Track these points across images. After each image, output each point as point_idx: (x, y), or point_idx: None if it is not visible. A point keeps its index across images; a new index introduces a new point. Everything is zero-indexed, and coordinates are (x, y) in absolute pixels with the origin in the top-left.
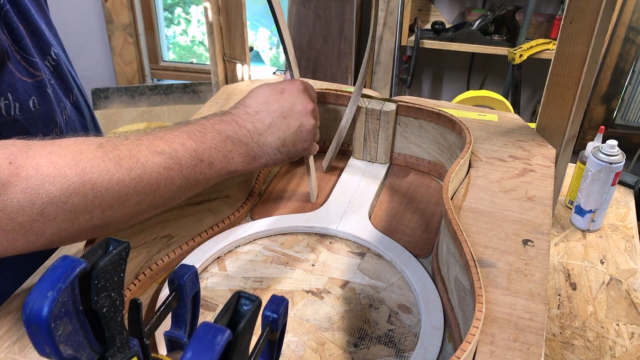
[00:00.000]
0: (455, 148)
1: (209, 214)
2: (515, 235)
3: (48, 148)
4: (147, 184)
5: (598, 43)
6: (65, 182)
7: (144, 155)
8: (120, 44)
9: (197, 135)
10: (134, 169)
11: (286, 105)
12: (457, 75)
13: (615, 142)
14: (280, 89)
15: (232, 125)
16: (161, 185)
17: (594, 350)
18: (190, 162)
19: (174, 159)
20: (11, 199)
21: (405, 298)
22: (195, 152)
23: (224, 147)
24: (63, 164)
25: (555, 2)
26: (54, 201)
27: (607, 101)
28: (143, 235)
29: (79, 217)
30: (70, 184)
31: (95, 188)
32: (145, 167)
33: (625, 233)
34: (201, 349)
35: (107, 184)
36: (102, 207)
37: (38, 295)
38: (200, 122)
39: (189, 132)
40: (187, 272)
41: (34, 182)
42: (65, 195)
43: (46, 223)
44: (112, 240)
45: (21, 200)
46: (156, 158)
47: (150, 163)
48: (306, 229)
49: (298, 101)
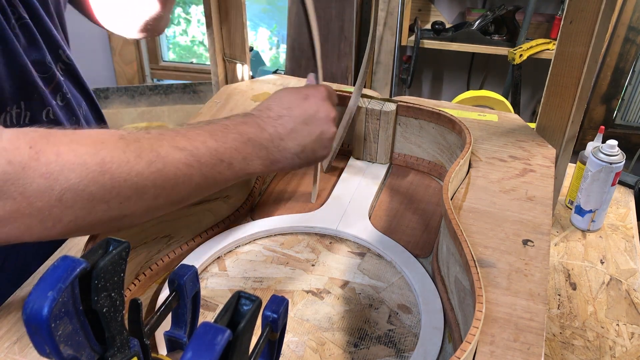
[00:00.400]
0: (455, 148)
1: (209, 214)
2: (515, 235)
3: (69, 136)
4: (166, 179)
5: (598, 43)
6: (85, 170)
7: (164, 150)
8: (120, 44)
9: (218, 135)
10: (154, 163)
11: (309, 112)
12: (457, 75)
13: (615, 142)
14: (304, 95)
15: (254, 127)
16: (180, 181)
17: (594, 350)
18: (210, 161)
19: (195, 157)
20: (30, 182)
21: (405, 298)
22: (216, 151)
23: (244, 149)
24: (83, 152)
25: (555, 2)
26: (72, 188)
27: (607, 101)
28: (143, 235)
29: (96, 206)
30: (89, 172)
31: (114, 178)
32: (165, 162)
33: (625, 233)
34: (201, 349)
35: (127, 175)
36: (120, 198)
37: (38, 295)
38: (223, 123)
39: (211, 132)
40: (187, 272)
41: (54, 168)
42: (84, 183)
43: (64, 210)
44: (112, 240)
45: (40, 185)
46: (177, 154)
47: (171, 158)
48: (306, 229)
49: (321, 108)
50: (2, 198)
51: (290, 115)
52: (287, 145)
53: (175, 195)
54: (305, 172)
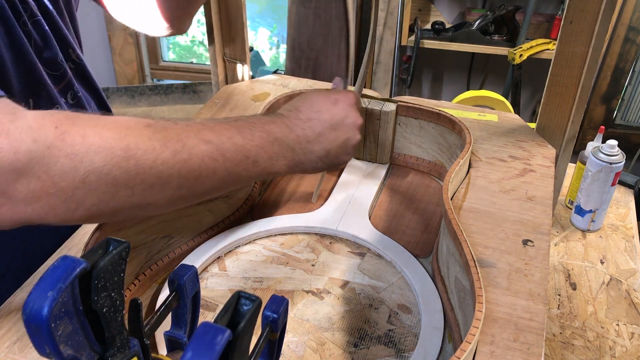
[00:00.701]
0: (455, 148)
1: (209, 214)
2: (515, 235)
3: (96, 120)
4: (190, 170)
5: (598, 43)
6: (110, 153)
7: (191, 141)
8: (120, 44)
9: (245, 132)
10: (179, 153)
11: (337, 117)
12: (457, 75)
13: (615, 142)
14: (334, 99)
15: (282, 128)
16: (204, 174)
17: (594, 350)
18: (235, 157)
19: (220, 151)
20: (55, 162)
21: (405, 298)
22: (242, 147)
23: (270, 148)
24: (109, 136)
25: (555, 2)
26: (96, 171)
27: (607, 101)
28: (143, 235)
29: (119, 191)
30: (114, 156)
31: (138, 164)
32: (191, 153)
33: (625, 233)
34: (201, 349)
35: (152, 162)
36: (144, 185)
37: (38, 295)
38: (251, 120)
39: (239, 128)
40: (187, 272)
41: (79, 149)
42: (108, 167)
43: (87, 192)
44: (112, 240)
45: (65, 165)
46: (203, 146)
47: (197, 150)
48: (306, 229)
49: (349, 115)
50: (27, 176)
51: (319, 119)
52: (313, 148)
53: (198, 187)
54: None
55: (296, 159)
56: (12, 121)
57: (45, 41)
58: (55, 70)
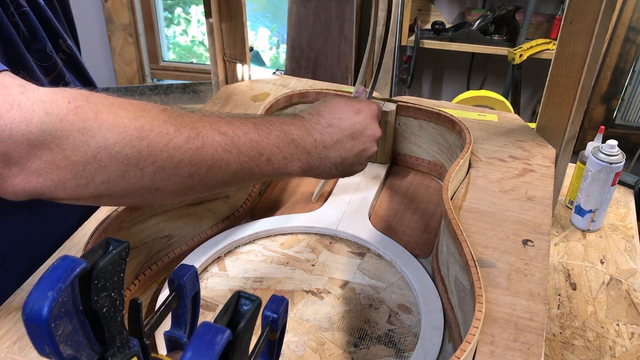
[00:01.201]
0: (455, 148)
1: (209, 214)
2: (515, 235)
3: (110, 99)
4: (202, 159)
5: (598, 43)
6: (123, 132)
7: (206, 130)
8: (120, 44)
9: (262, 129)
10: (193, 140)
11: (358, 127)
12: (457, 75)
13: (615, 142)
14: (357, 109)
15: (301, 130)
16: (216, 164)
17: (594, 350)
18: (249, 152)
19: (235, 144)
20: (67, 135)
21: (405, 298)
22: (258, 144)
23: (286, 149)
24: (123, 115)
25: (555, 2)
26: (108, 147)
27: (607, 101)
28: (143, 235)
29: (130, 171)
30: (127, 135)
31: (150, 146)
32: (205, 142)
33: (625, 233)
34: (201, 349)
35: (164, 145)
36: (155, 167)
37: (38, 295)
38: (270, 119)
39: (256, 124)
40: (187, 272)
41: (92, 124)
42: (120, 145)
43: (98, 169)
44: (112, 240)
45: (77, 139)
46: (217, 137)
47: (210, 139)
48: (306, 229)
49: (370, 126)
50: (40, 148)
51: (339, 126)
52: (329, 154)
53: (210, 178)
54: None
55: (311, 162)
56: (22, 93)
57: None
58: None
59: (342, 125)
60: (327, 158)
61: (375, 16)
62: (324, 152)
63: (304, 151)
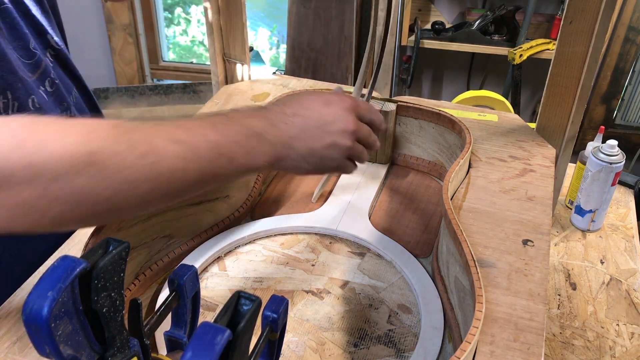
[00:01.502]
0: (455, 148)
1: (209, 214)
2: (515, 235)
3: (57, 125)
4: (159, 173)
5: (598, 43)
6: (73, 160)
7: (160, 142)
8: (120, 44)
9: (220, 128)
10: (147, 155)
11: (326, 119)
12: (457, 75)
13: (615, 142)
14: (326, 100)
15: (262, 121)
16: (175, 175)
17: (594, 350)
18: (209, 155)
19: (192, 151)
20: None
21: (405, 298)
22: (217, 145)
23: (247, 143)
24: (72, 141)
25: (555, 2)
26: (59, 179)
27: (607, 101)
28: (143, 235)
29: (84, 198)
30: (77, 163)
31: (103, 170)
32: (160, 155)
33: (625, 233)
34: (201, 349)
35: (117, 167)
36: (110, 191)
37: (38, 295)
38: (229, 114)
39: (213, 123)
40: (187, 272)
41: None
42: (71, 174)
43: (50, 202)
44: (112, 240)
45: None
46: (173, 147)
47: (166, 151)
48: (306, 229)
49: (340, 118)
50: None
51: (305, 116)
52: (296, 145)
53: (171, 189)
54: None
55: (277, 154)
56: None
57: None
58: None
59: (309, 115)
60: (294, 149)
61: (375, 16)
62: (289, 143)
63: (268, 143)
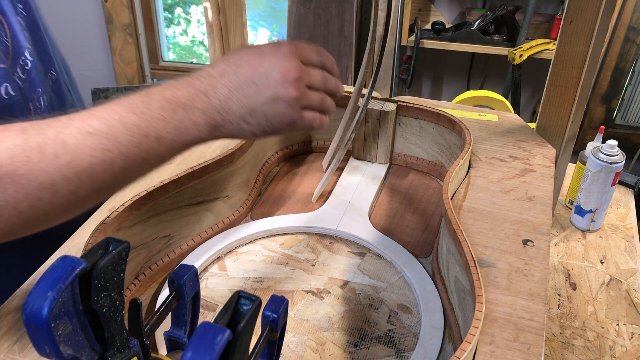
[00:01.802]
0: (455, 148)
1: (209, 214)
2: (515, 235)
3: None
4: (78, 171)
5: (598, 43)
6: None
7: (73, 138)
8: (120, 44)
9: (139, 107)
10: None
11: (260, 70)
12: (457, 75)
13: (615, 142)
14: (259, 51)
15: (186, 89)
16: (98, 169)
17: (594, 350)
18: (131, 140)
19: (111, 139)
20: None
21: (405, 298)
22: (138, 127)
23: (173, 117)
24: None
25: (555, 2)
26: None
27: (607, 101)
28: (143, 235)
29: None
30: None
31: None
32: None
33: (625, 233)
34: (201, 348)
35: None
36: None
37: (38, 295)
38: (149, 90)
39: (131, 104)
40: (187, 272)
41: None
42: None
43: None
44: (112, 240)
45: None
46: (88, 140)
47: (81, 146)
48: (306, 229)
49: (277, 68)
50: None
51: (236, 73)
52: (230, 106)
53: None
54: (306, 172)
55: (211, 121)
56: None
57: None
58: None
59: (240, 72)
60: (230, 112)
61: (375, 16)
62: (221, 106)
63: (195, 111)
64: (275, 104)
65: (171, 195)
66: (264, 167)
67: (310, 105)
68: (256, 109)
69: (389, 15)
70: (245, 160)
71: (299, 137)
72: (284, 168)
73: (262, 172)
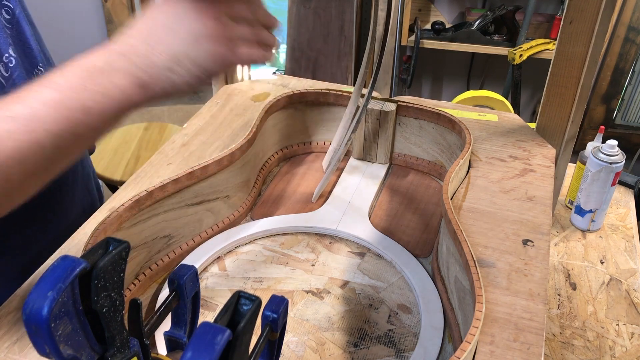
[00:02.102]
0: (455, 148)
1: (209, 214)
2: (515, 235)
3: None
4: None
5: (598, 43)
6: None
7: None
8: None
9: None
10: None
11: (170, 12)
12: (457, 75)
13: (615, 142)
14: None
15: (103, 54)
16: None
17: (594, 350)
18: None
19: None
20: None
21: (405, 298)
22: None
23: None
24: None
25: (555, 2)
26: None
27: (607, 101)
28: (143, 235)
29: None
30: None
31: None
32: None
33: (625, 233)
34: (201, 348)
35: None
36: None
37: (38, 295)
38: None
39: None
40: (187, 272)
41: None
42: None
43: None
44: (112, 240)
45: None
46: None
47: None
48: (306, 229)
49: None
50: None
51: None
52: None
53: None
54: (306, 172)
55: (137, 81)
56: None
57: None
58: None
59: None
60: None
61: (375, 16)
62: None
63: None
64: (198, 44)
65: (171, 195)
66: (264, 167)
67: (241, 36)
68: (180, 55)
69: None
70: (245, 160)
71: (299, 137)
72: (284, 168)
73: (262, 172)
